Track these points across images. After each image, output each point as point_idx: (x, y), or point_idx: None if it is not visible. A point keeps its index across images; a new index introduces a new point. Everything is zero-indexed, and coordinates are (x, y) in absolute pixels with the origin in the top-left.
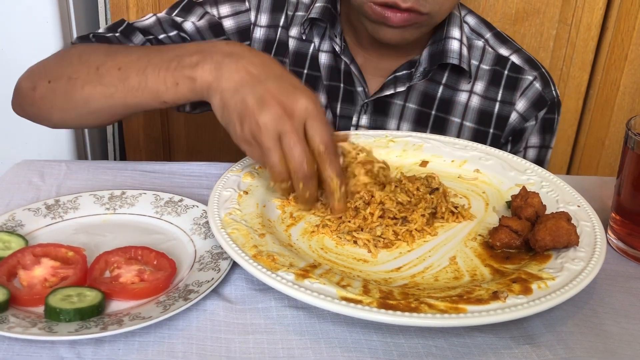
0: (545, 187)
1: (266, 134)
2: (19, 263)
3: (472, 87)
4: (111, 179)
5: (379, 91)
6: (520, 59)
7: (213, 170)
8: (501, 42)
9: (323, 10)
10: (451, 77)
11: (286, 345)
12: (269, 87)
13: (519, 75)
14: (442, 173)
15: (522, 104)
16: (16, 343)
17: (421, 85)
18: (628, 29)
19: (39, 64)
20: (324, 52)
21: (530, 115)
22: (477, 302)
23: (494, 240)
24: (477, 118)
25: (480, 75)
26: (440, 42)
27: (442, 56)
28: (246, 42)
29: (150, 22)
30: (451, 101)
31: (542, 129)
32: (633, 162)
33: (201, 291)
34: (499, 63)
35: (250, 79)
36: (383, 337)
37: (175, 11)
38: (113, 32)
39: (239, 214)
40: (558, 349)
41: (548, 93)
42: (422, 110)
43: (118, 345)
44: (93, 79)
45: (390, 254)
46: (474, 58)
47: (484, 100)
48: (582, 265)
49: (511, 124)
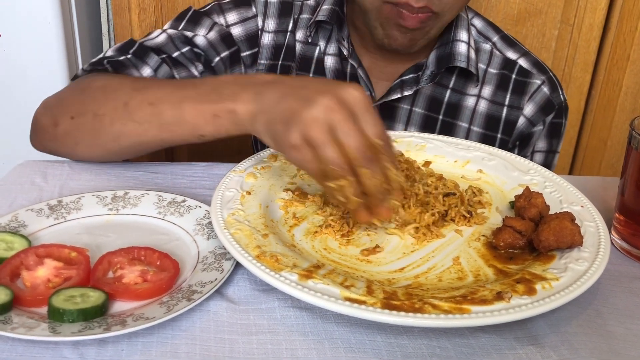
0: (548, 188)
1: (317, 128)
2: (22, 264)
3: (480, 92)
4: (114, 180)
5: (385, 95)
6: (528, 63)
7: (216, 171)
8: (509, 45)
9: (330, 13)
10: (459, 80)
11: (290, 345)
12: (314, 87)
13: (527, 79)
14: (445, 173)
15: (529, 109)
16: (19, 344)
17: (428, 89)
18: (630, 29)
19: (55, 97)
20: (330, 56)
21: (538, 120)
22: (481, 302)
23: (497, 240)
24: (484, 123)
25: (488, 79)
26: (448, 44)
27: (449, 59)
28: (255, 49)
29: (161, 39)
30: (459, 105)
31: (549, 134)
32: (637, 162)
33: (204, 292)
34: (507, 67)
35: (292, 90)
36: (387, 337)
37: (182, 24)
38: (125, 54)
39: (242, 214)
40: (562, 349)
41: (556, 97)
42: (429, 114)
43: (121, 345)
44: (122, 115)
45: (393, 255)
46: (481, 61)
47: (492, 104)
48: (586, 265)
49: (519, 129)
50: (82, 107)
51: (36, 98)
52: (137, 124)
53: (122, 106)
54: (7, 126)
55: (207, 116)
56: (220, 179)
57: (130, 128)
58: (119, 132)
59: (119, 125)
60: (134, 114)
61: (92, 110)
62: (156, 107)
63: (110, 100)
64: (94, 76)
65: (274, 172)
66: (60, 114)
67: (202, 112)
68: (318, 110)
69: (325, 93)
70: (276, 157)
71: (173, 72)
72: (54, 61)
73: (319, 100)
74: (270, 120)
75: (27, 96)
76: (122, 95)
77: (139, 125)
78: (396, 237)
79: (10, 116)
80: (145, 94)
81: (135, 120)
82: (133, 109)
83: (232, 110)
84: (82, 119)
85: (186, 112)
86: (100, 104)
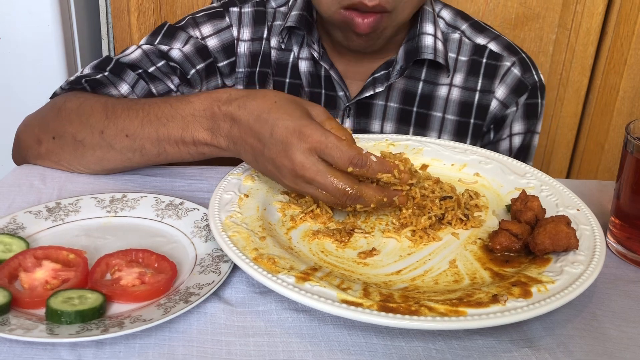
0: (544, 191)
1: (301, 188)
2: (20, 265)
3: (452, 80)
4: (112, 182)
5: (359, 93)
6: (499, 46)
7: (214, 174)
8: (478, 31)
9: (299, 18)
10: (430, 72)
11: (287, 348)
12: (270, 154)
13: (497, 63)
14: (442, 177)
15: (501, 91)
16: (17, 345)
17: (401, 83)
18: (627, 34)
19: (36, 115)
20: (304, 60)
21: (510, 102)
22: (477, 305)
23: (493, 243)
24: (458, 110)
25: (459, 67)
26: (415, 39)
27: (416, 52)
28: (232, 58)
29: (136, 55)
30: (432, 96)
31: (525, 115)
32: (632, 166)
33: (202, 294)
34: (477, 52)
35: (253, 150)
36: (383, 340)
37: (158, 38)
38: (102, 72)
39: (239, 217)
40: (558, 352)
41: (529, 77)
42: (404, 108)
43: (119, 347)
44: (102, 144)
45: (390, 257)
46: (451, 51)
47: (464, 91)
48: (582, 268)
49: (492, 112)
50: (61, 128)
51: (35, 101)
52: (118, 152)
53: (99, 134)
54: (6, 128)
55: (191, 152)
56: (218, 182)
57: (113, 155)
58: (102, 157)
59: (100, 152)
60: (113, 143)
61: (70, 133)
62: (135, 141)
63: (86, 126)
64: (69, 96)
65: None
66: (43, 133)
67: (185, 152)
68: (288, 180)
69: (283, 160)
70: None
71: (150, 86)
72: (54, 64)
73: (284, 171)
74: (260, 164)
75: (26, 99)
76: (96, 123)
77: (122, 155)
78: (393, 240)
79: (10, 118)
80: (117, 124)
81: (116, 150)
82: (111, 138)
83: (214, 145)
84: (62, 141)
85: (168, 152)
86: (77, 129)
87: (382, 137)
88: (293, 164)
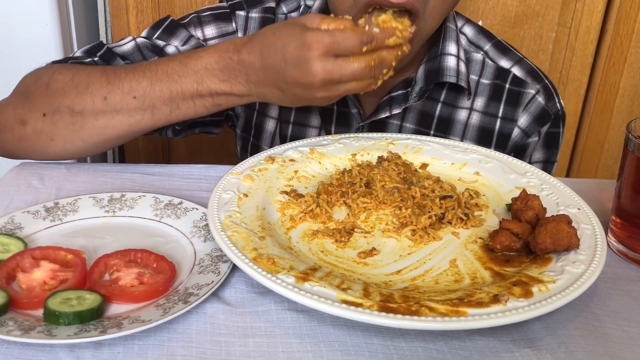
0: (545, 190)
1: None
2: (18, 266)
3: (472, 104)
4: (110, 182)
5: (374, 113)
6: (522, 71)
7: (213, 173)
8: (502, 53)
9: None
10: (450, 94)
11: (286, 348)
12: (293, 79)
13: (520, 89)
14: (443, 176)
15: (524, 120)
16: (15, 346)
17: (418, 103)
18: (627, 32)
19: (11, 98)
20: None
21: (532, 131)
22: (477, 305)
23: (494, 243)
24: (477, 136)
25: (481, 90)
26: (436, 59)
27: (438, 74)
28: None
29: (129, 48)
30: (450, 120)
31: (545, 144)
32: (633, 164)
33: (201, 294)
34: (500, 76)
35: (276, 84)
36: (384, 340)
37: (157, 32)
38: (92, 57)
39: (238, 216)
40: (559, 352)
41: (552, 106)
42: (420, 130)
43: (117, 348)
44: (105, 110)
45: (390, 257)
46: (473, 73)
47: (485, 116)
48: (583, 268)
49: (513, 140)
50: (54, 102)
51: None
52: (125, 116)
53: (102, 100)
54: None
55: (206, 104)
56: (217, 181)
57: (119, 120)
58: (106, 125)
59: (104, 119)
60: (119, 107)
61: (66, 105)
62: (144, 101)
63: (84, 95)
64: (56, 70)
65: (270, 175)
66: (28, 112)
67: (196, 105)
68: (322, 91)
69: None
70: (273, 160)
71: None
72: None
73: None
74: (288, 94)
75: None
76: (97, 90)
77: (130, 118)
78: (393, 240)
79: None
80: (122, 87)
81: (123, 114)
82: (116, 103)
83: (233, 93)
84: (56, 116)
85: (181, 106)
86: (75, 100)
87: (382, 135)
88: (317, 74)
